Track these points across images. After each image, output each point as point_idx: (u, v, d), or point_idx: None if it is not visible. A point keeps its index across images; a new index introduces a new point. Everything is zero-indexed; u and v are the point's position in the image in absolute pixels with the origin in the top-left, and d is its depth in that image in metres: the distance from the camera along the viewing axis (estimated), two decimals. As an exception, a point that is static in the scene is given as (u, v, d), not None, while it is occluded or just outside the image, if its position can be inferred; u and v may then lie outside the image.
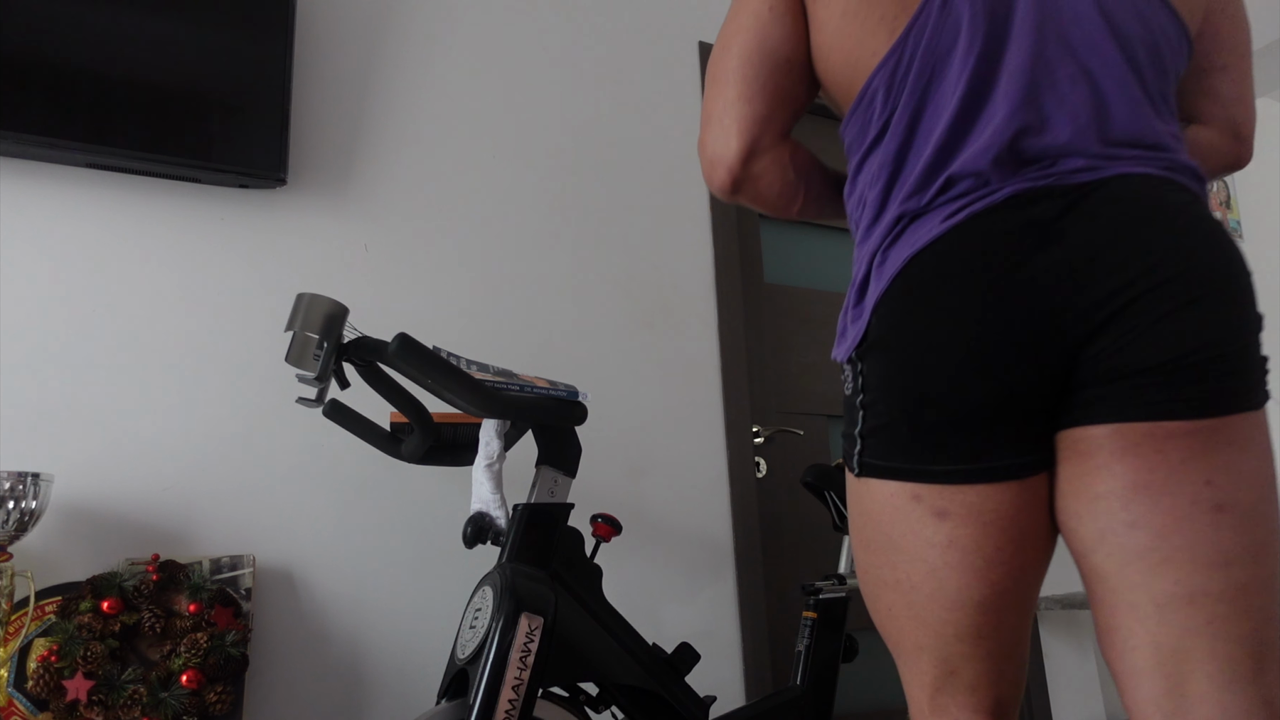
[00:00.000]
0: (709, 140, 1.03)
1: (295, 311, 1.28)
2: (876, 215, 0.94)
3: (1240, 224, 3.96)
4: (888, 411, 0.88)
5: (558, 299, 2.24)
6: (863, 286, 0.93)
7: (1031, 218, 0.84)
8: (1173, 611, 0.79)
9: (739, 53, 1.02)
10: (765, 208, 1.07)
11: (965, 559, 0.86)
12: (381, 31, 2.20)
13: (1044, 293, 0.82)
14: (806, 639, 1.73)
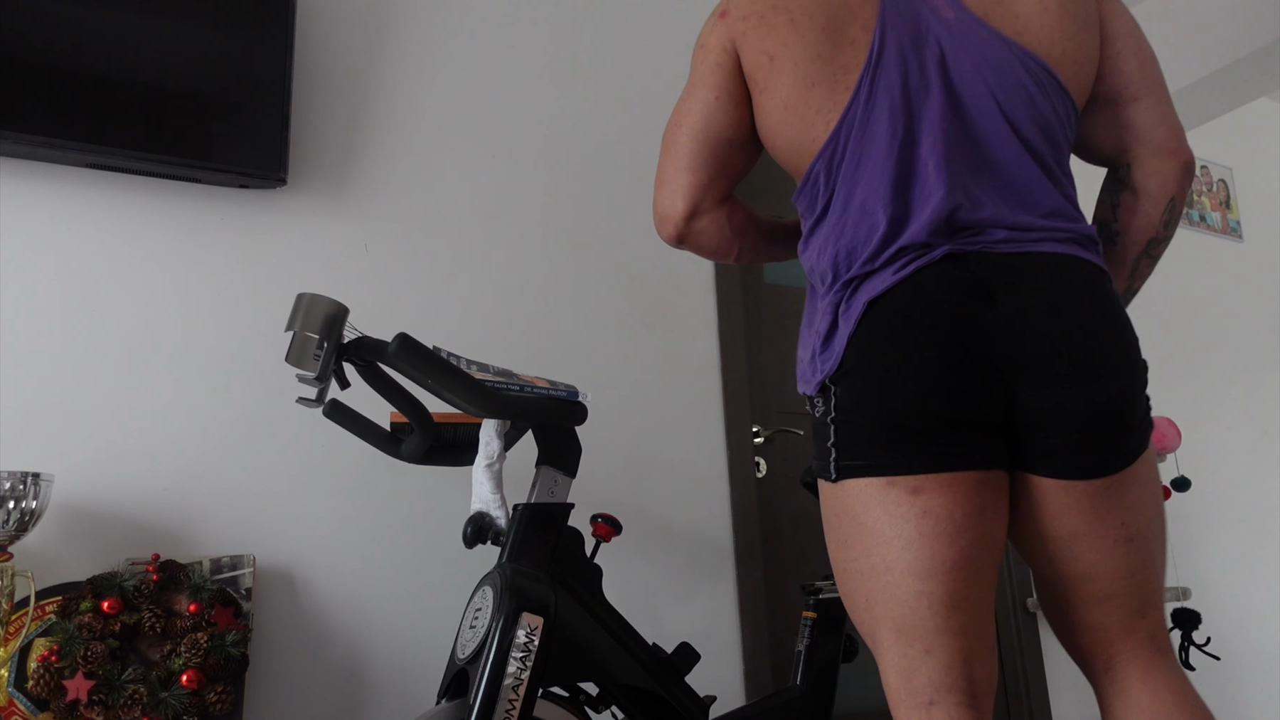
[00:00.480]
0: (659, 200, 1.22)
1: (295, 311, 1.28)
2: (833, 279, 1.12)
3: (1240, 224, 3.96)
4: (865, 421, 1.05)
5: (558, 299, 2.24)
6: (830, 331, 1.10)
7: (974, 277, 1.05)
8: (1097, 604, 1.11)
9: (688, 130, 1.20)
10: (706, 256, 1.28)
11: (938, 525, 1.02)
12: (381, 31, 2.20)
13: (988, 342, 1.03)
14: (806, 639, 1.73)
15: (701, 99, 1.20)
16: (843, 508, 1.08)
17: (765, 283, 2.65)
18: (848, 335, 1.08)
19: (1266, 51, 3.17)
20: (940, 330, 1.03)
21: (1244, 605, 3.31)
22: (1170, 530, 3.19)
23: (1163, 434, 2.65)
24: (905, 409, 1.03)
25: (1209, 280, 3.74)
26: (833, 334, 1.10)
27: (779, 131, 1.16)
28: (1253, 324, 3.81)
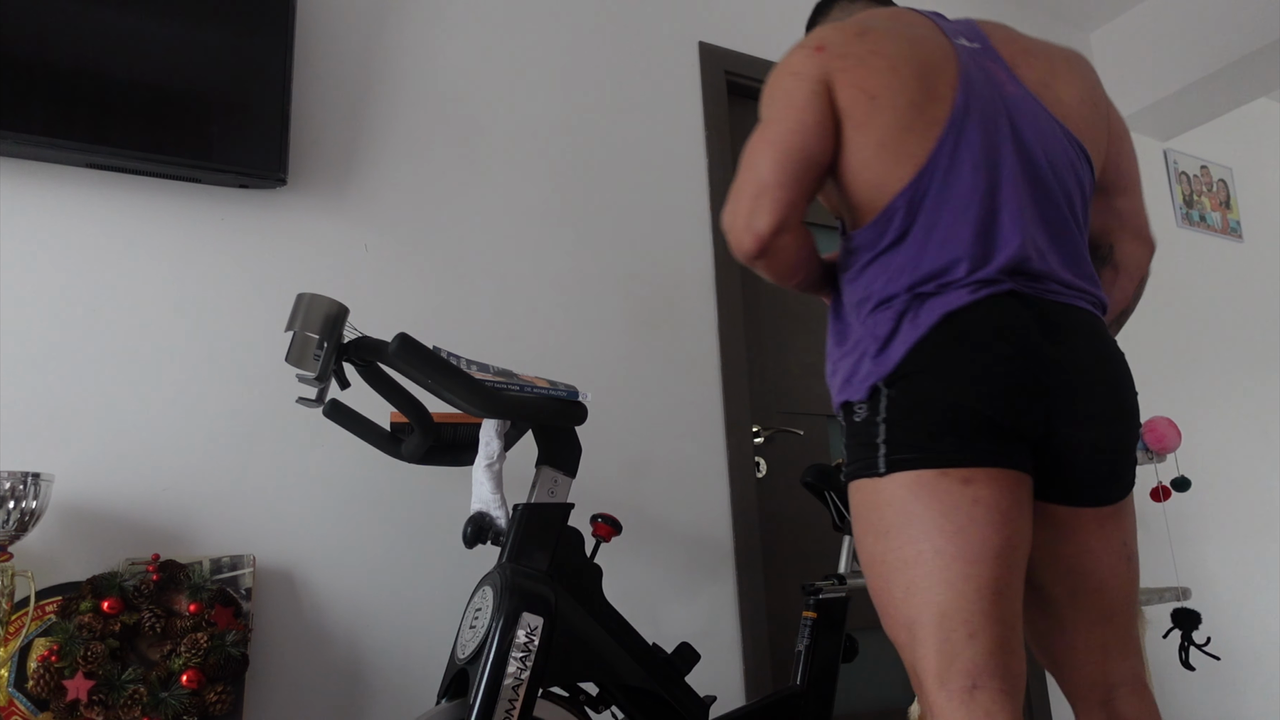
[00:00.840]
0: (743, 212, 1.23)
1: (295, 311, 1.28)
2: (894, 297, 1.21)
3: (1240, 224, 3.96)
4: (923, 417, 1.15)
5: (558, 299, 2.24)
6: (890, 336, 1.19)
7: (1037, 315, 1.19)
8: (1101, 624, 1.25)
9: (785, 149, 1.23)
10: (775, 275, 1.29)
11: (988, 513, 1.12)
12: (381, 32, 2.20)
13: (1043, 373, 1.17)
14: (806, 639, 1.73)
15: (800, 121, 1.24)
16: (888, 500, 1.15)
17: (765, 283, 2.65)
18: (915, 340, 1.18)
19: (1266, 51, 3.17)
20: (1005, 352, 1.16)
21: (1244, 605, 3.31)
22: (1170, 530, 3.20)
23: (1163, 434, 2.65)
24: (963, 408, 1.14)
25: (1209, 280, 3.74)
26: (893, 339, 1.20)
27: (867, 166, 1.24)
28: (1253, 324, 3.81)
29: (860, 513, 1.20)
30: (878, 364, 1.19)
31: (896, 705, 2.50)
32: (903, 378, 1.17)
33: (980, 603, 1.10)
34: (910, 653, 1.15)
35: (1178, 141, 3.87)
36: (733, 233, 1.24)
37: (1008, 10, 3.50)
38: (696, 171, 2.53)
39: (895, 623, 1.17)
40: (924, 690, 1.13)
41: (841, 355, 1.28)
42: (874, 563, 1.18)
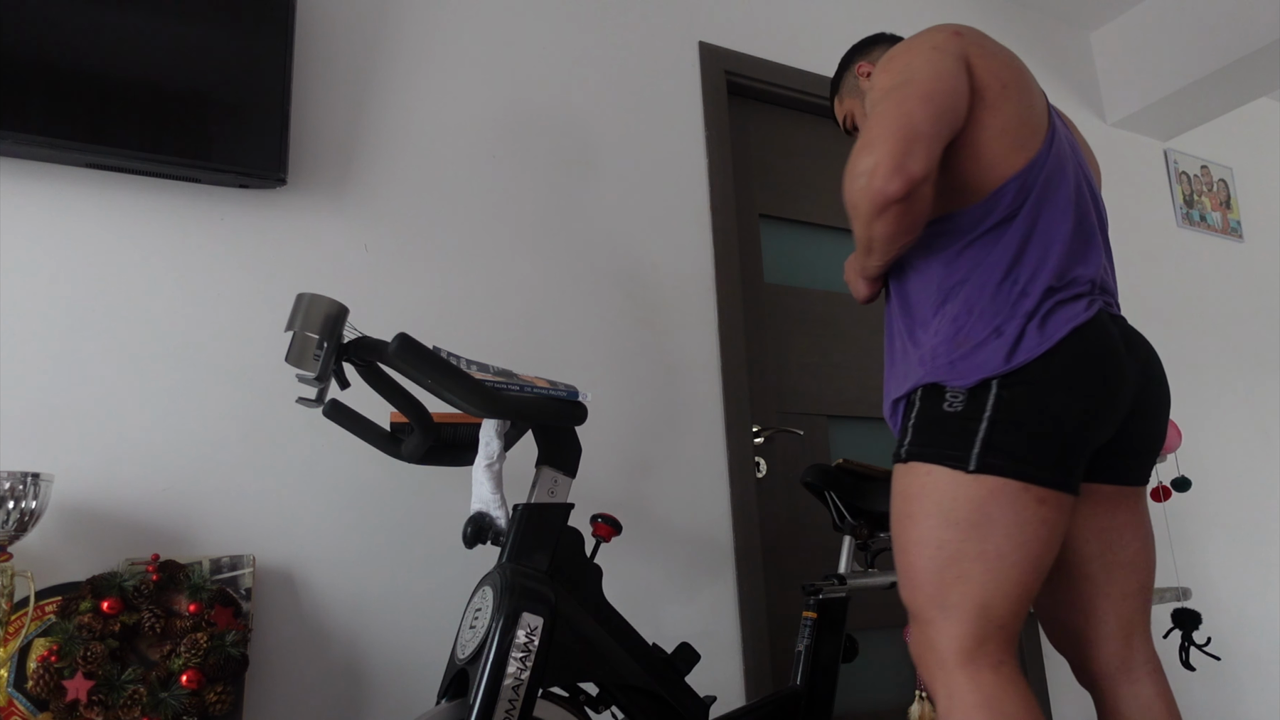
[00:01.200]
0: (900, 154, 1.22)
1: (295, 311, 1.28)
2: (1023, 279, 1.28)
3: (1240, 224, 3.96)
4: (1030, 430, 1.22)
5: (558, 299, 2.24)
6: (1018, 338, 1.24)
7: (1122, 332, 1.32)
8: (1130, 599, 1.38)
9: (938, 105, 1.26)
10: (903, 226, 1.28)
11: (1050, 534, 1.23)
12: (381, 31, 2.20)
13: (1129, 387, 1.29)
14: (806, 639, 1.73)
15: (952, 85, 1.29)
16: (968, 495, 1.22)
17: (765, 282, 2.65)
18: (1044, 349, 1.24)
19: (1266, 51, 3.17)
20: (1114, 371, 1.27)
21: (1244, 605, 3.31)
22: (1170, 530, 3.20)
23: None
24: (1067, 426, 1.23)
25: (1209, 280, 3.74)
26: (1020, 341, 1.25)
27: (988, 146, 1.31)
28: (1253, 324, 3.81)
29: (927, 494, 1.25)
30: (999, 359, 1.24)
31: (896, 705, 2.50)
32: (1023, 383, 1.23)
33: (1018, 606, 1.23)
34: (934, 628, 1.23)
35: (1178, 141, 3.87)
36: (876, 175, 1.22)
37: (1008, 10, 3.50)
38: (697, 171, 2.53)
39: (928, 598, 1.24)
40: (941, 663, 1.22)
41: (932, 335, 1.31)
42: (929, 543, 1.24)
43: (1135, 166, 3.68)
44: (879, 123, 1.25)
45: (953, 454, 1.24)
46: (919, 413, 1.30)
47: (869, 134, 1.25)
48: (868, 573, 1.82)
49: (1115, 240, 3.48)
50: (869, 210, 1.25)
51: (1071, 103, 3.56)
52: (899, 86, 1.28)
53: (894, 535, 1.31)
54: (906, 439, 1.31)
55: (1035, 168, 1.33)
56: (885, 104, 1.26)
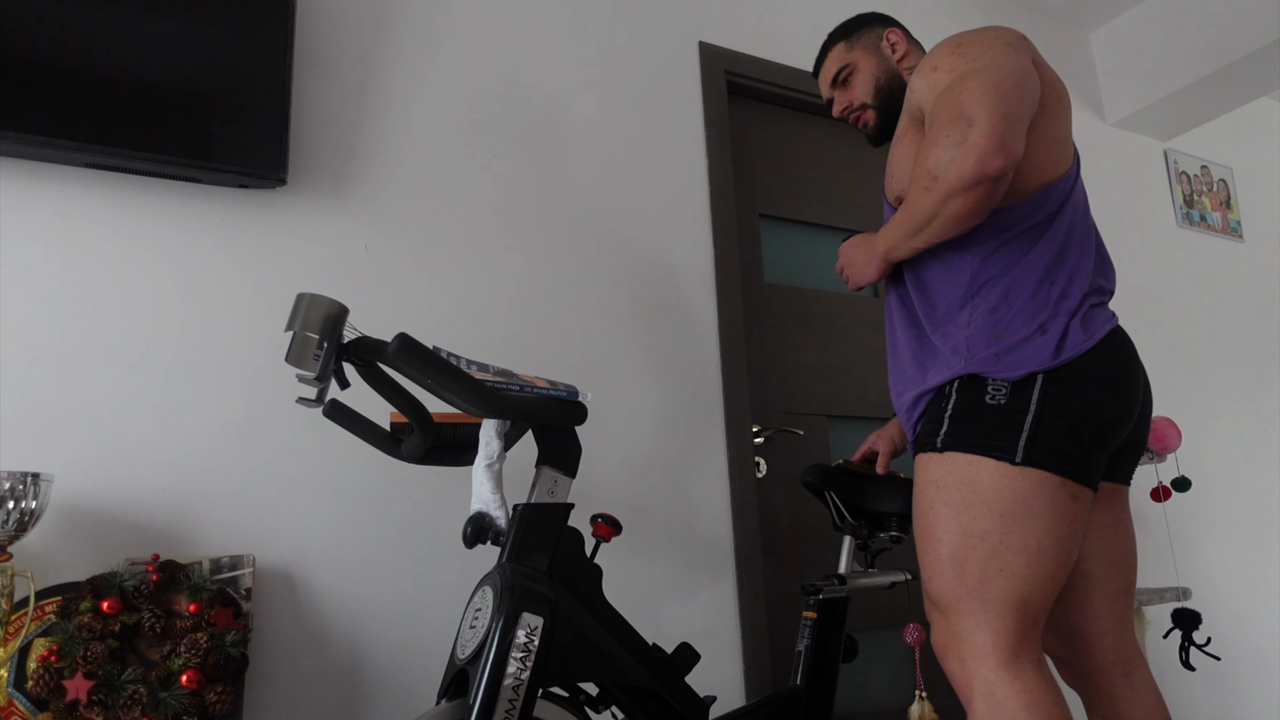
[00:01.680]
0: (1005, 132, 1.20)
1: (295, 311, 1.28)
2: (1061, 282, 1.31)
3: (1240, 224, 3.96)
4: (1073, 424, 1.23)
5: (558, 299, 2.24)
6: (1064, 334, 1.27)
7: (1131, 342, 1.37)
8: (1121, 595, 1.41)
9: (1030, 96, 1.28)
10: (986, 206, 1.26)
11: (1080, 529, 1.26)
12: (381, 31, 2.20)
13: (1141, 394, 1.35)
14: (806, 639, 1.72)
15: (1035, 84, 1.30)
16: (1013, 487, 1.22)
17: (765, 283, 2.65)
18: (1087, 346, 1.27)
19: (1266, 51, 3.17)
20: (1136, 374, 1.32)
21: (1244, 605, 3.31)
22: (1170, 530, 3.19)
23: (1163, 434, 2.65)
24: (1106, 423, 1.26)
25: (1209, 280, 3.74)
26: (1066, 337, 1.27)
27: (1037, 150, 1.32)
28: (1253, 324, 3.81)
29: (969, 484, 1.24)
30: (1046, 354, 1.25)
31: (896, 705, 2.50)
32: (1068, 379, 1.25)
33: (1050, 602, 1.24)
34: (973, 621, 1.22)
35: (1178, 141, 3.86)
36: (978, 149, 1.19)
37: (1008, 10, 3.50)
38: (696, 171, 2.53)
39: (969, 590, 1.22)
40: (982, 659, 1.20)
41: (963, 328, 1.32)
42: (972, 533, 1.23)
43: (1135, 166, 3.68)
44: (975, 99, 1.21)
45: (998, 445, 1.24)
46: (956, 404, 1.30)
47: (963, 108, 1.21)
48: (868, 573, 1.82)
49: (1115, 240, 3.48)
50: (958, 183, 1.21)
51: (1072, 102, 3.55)
52: (985, 70, 1.25)
53: (925, 526, 1.29)
54: (942, 429, 1.30)
55: (1069, 178, 1.36)
56: (975, 83, 1.23)
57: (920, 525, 1.31)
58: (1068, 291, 1.30)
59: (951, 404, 1.30)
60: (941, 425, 1.30)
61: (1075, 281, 1.31)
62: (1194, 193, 3.83)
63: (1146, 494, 3.15)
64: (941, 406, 1.32)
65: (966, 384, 1.29)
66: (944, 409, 1.31)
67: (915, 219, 1.31)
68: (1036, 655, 1.22)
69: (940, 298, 1.37)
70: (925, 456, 1.32)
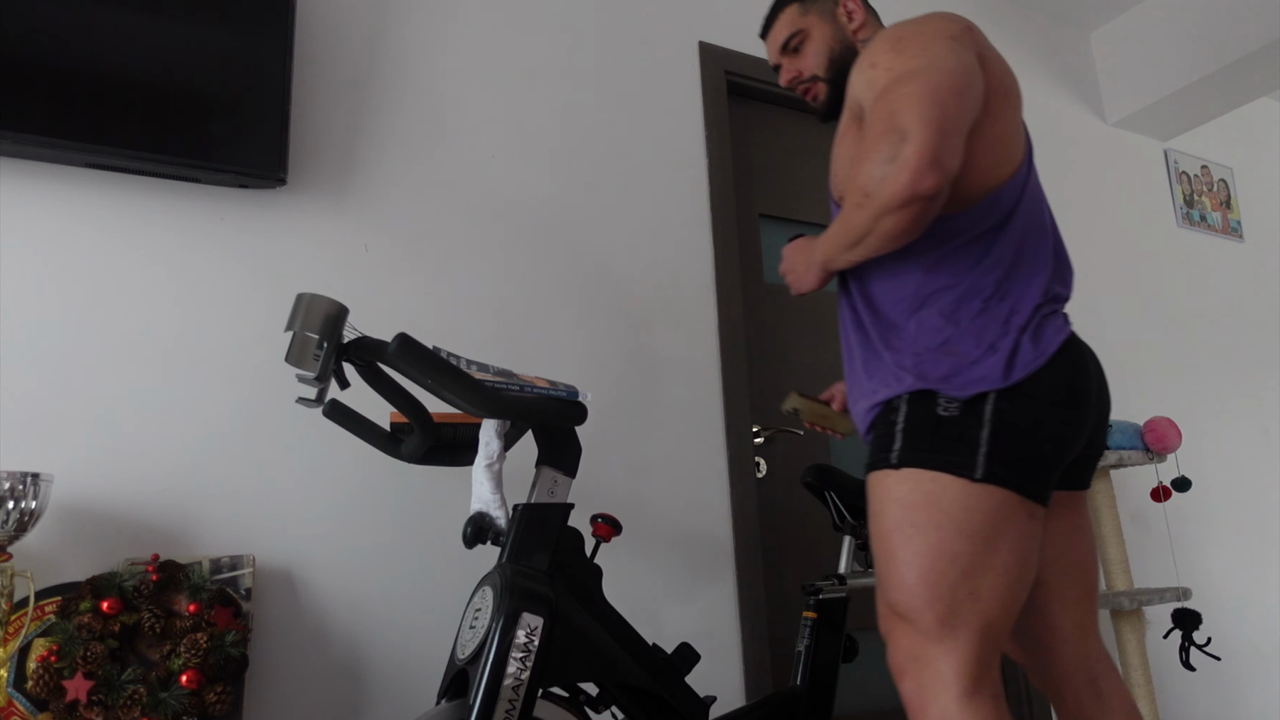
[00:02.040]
0: (939, 147, 1.14)
1: (295, 311, 1.28)
2: (1012, 296, 1.26)
3: (1240, 224, 3.96)
4: (1028, 442, 1.20)
5: (558, 299, 2.24)
6: (1013, 351, 1.22)
7: (1088, 351, 1.31)
8: (1082, 601, 1.37)
9: (969, 101, 1.20)
10: (918, 227, 1.20)
11: (1037, 551, 1.22)
12: (381, 31, 2.20)
13: (1098, 404, 1.31)
14: (806, 639, 1.72)
15: (978, 86, 1.22)
16: (978, 505, 1.18)
17: (765, 283, 2.65)
18: (1039, 364, 1.22)
19: (1266, 51, 3.17)
20: (1089, 385, 1.27)
21: (1244, 605, 3.31)
22: (1170, 530, 3.19)
23: (1163, 434, 2.65)
24: (1061, 441, 1.22)
25: (1209, 280, 3.74)
26: (1016, 354, 1.22)
27: (982, 154, 1.25)
28: (1253, 324, 3.81)
29: (934, 503, 1.19)
30: (995, 373, 1.21)
31: (896, 705, 2.50)
32: (1022, 396, 1.21)
33: (1013, 621, 1.21)
34: (940, 648, 1.16)
35: (1178, 141, 3.86)
36: (910, 167, 1.13)
37: (1008, 10, 3.50)
38: (696, 171, 2.53)
39: (938, 616, 1.17)
40: (945, 687, 1.14)
41: (910, 341, 1.27)
42: (941, 555, 1.17)
43: (1135, 166, 3.68)
44: (910, 108, 1.15)
45: (956, 461, 1.19)
46: (908, 417, 1.24)
47: (897, 119, 1.15)
48: (868, 573, 1.81)
49: (1115, 240, 3.48)
50: (890, 202, 1.16)
51: (1071, 103, 3.56)
52: (923, 72, 1.18)
53: (890, 548, 1.22)
54: (896, 445, 1.24)
55: (1019, 179, 1.29)
56: (911, 89, 1.16)
57: (884, 547, 1.23)
58: (1019, 306, 1.25)
59: (902, 417, 1.25)
60: (894, 440, 1.24)
61: (1027, 294, 1.26)
62: (1194, 193, 3.83)
63: (1147, 494, 3.15)
64: (892, 420, 1.26)
65: (917, 397, 1.24)
66: (894, 422, 1.26)
67: (850, 234, 1.26)
68: (996, 688, 1.17)
69: (885, 309, 1.32)
70: (881, 474, 1.26)
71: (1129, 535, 3.07)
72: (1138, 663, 2.56)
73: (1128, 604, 2.50)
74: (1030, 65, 3.48)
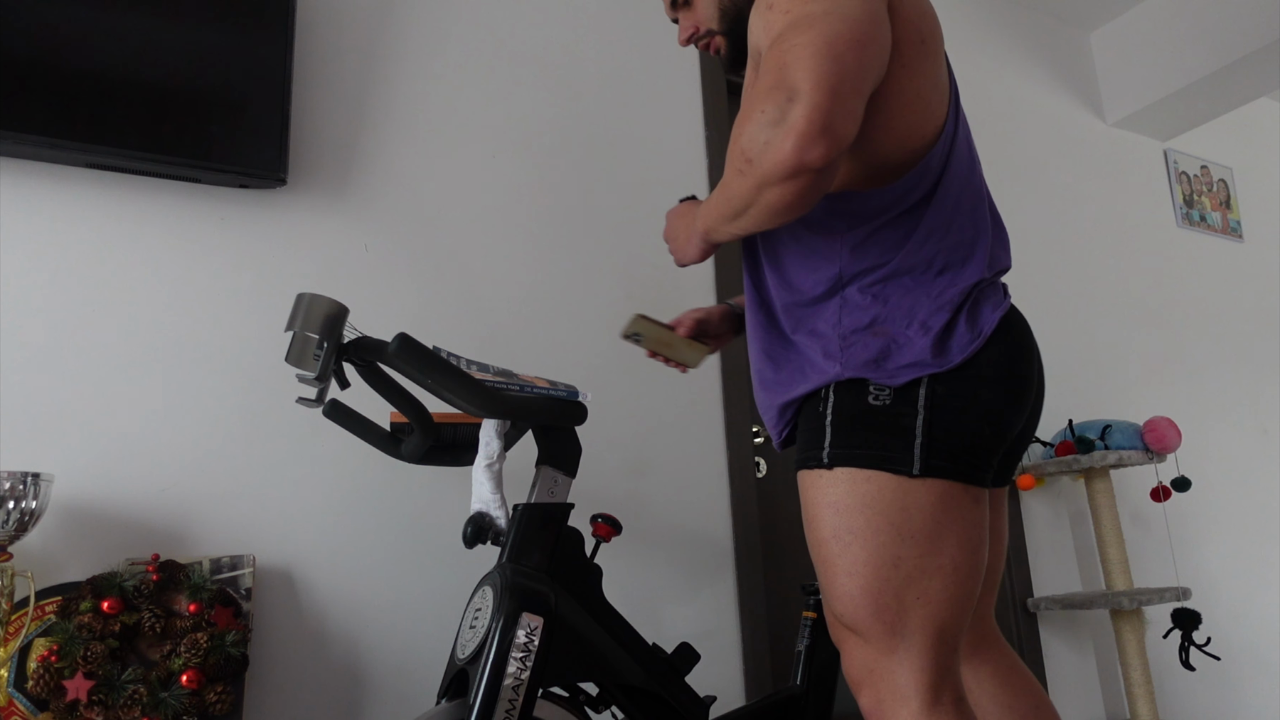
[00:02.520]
0: (831, 111, 0.96)
1: (295, 311, 1.28)
2: (946, 270, 1.16)
3: (1240, 224, 3.96)
4: (968, 428, 1.11)
5: (558, 299, 2.24)
6: (945, 331, 1.12)
7: (1025, 323, 1.22)
8: (990, 592, 1.37)
9: (872, 55, 1.03)
10: (807, 201, 1.04)
11: (985, 534, 1.15)
12: (381, 31, 2.20)
13: (1037, 382, 1.22)
14: (806, 639, 1.72)
15: (884, 37, 1.05)
16: (918, 503, 1.10)
17: (765, 283, 2.65)
18: (976, 346, 1.12)
19: (1266, 51, 3.17)
20: (1031, 363, 1.19)
21: (1244, 605, 3.31)
22: (1170, 530, 3.19)
23: (1163, 434, 2.65)
24: (1002, 421, 1.14)
25: (1209, 280, 3.74)
26: (951, 334, 1.12)
27: (900, 114, 1.12)
28: (1253, 324, 3.81)
29: (871, 505, 1.10)
30: (929, 356, 1.11)
31: (896, 705, 2.49)
32: (959, 378, 1.12)
33: (968, 616, 1.14)
34: (894, 660, 1.10)
35: (1178, 141, 3.87)
36: (796, 133, 0.97)
37: (1008, 10, 3.50)
38: (696, 172, 2.53)
39: (887, 626, 1.10)
40: (904, 701, 1.09)
41: (833, 325, 1.16)
42: (884, 562, 1.09)
43: (1135, 166, 3.68)
44: (802, 61, 0.98)
45: (892, 456, 1.10)
46: (837, 409, 1.15)
47: (787, 74, 0.98)
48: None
49: (1115, 240, 3.48)
50: (772, 172, 1.00)
51: (1071, 103, 3.56)
52: (822, 19, 1.01)
53: (829, 556, 1.14)
54: (826, 441, 1.14)
55: (945, 138, 1.16)
56: (806, 38, 0.99)
57: (823, 554, 1.15)
58: (955, 280, 1.15)
59: (830, 409, 1.15)
60: (824, 436, 1.15)
61: (965, 268, 1.16)
62: (1194, 193, 3.83)
63: (1146, 494, 3.15)
64: (820, 413, 1.16)
65: (844, 387, 1.15)
66: (823, 415, 1.16)
67: (731, 203, 1.10)
68: (958, 692, 1.11)
69: (804, 287, 1.20)
70: (813, 475, 1.16)
71: (1129, 535, 3.07)
72: (1137, 663, 2.56)
73: (1128, 604, 2.50)
74: (1030, 65, 3.48)
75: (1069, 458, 2.66)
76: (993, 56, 3.36)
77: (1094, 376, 3.19)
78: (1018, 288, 3.09)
